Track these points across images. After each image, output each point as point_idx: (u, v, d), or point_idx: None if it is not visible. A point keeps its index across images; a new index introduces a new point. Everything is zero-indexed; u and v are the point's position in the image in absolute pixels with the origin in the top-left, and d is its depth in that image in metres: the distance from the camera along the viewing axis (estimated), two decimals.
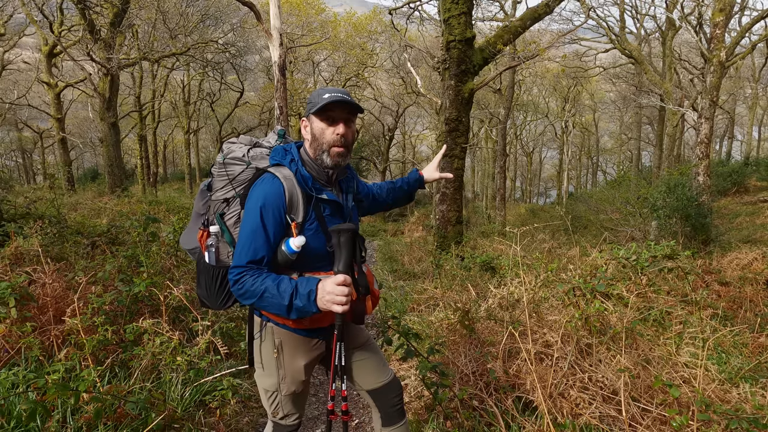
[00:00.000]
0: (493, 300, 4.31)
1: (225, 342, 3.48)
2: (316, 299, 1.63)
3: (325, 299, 1.62)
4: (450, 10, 8.37)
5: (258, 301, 1.66)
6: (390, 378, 2.07)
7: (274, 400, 1.95)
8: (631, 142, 29.82)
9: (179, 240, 2.16)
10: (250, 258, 1.69)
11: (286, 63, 9.54)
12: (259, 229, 1.70)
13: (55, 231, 5.28)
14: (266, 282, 1.66)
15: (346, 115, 1.80)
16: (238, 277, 1.67)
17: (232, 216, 1.86)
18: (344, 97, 1.75)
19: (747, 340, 3.98)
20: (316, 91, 1.82)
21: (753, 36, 16.28)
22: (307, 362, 1.93)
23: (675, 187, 8.66)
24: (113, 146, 14.39)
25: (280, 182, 1.74)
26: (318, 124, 1.79)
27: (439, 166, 2.38)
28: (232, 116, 30.46)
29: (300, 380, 1.93)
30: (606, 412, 2.60)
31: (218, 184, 1.88)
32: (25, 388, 2.54)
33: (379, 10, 23.99)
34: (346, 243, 1.74)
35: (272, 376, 1.92)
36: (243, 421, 3.22)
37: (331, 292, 1.61)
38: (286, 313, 1.65)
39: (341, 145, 1.79)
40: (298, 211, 1.76)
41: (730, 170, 21.15)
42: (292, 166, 1.79)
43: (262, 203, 1.72)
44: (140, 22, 16.14)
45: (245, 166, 1.84)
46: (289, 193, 1.74)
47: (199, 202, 2.00)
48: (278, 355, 1.89)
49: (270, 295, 1.64)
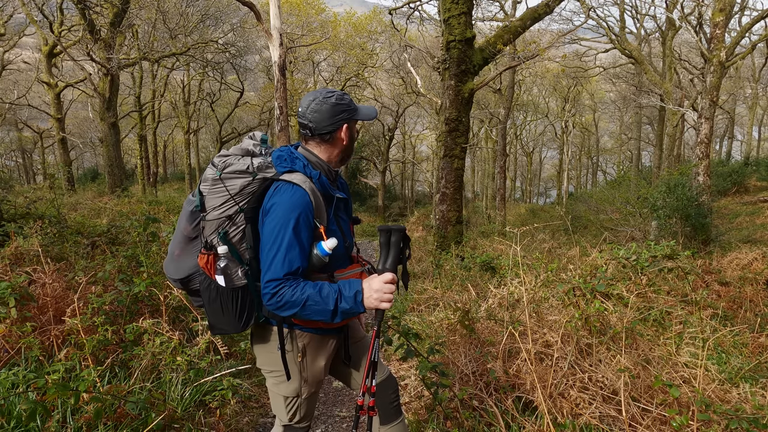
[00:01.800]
0: (493, 300, 4.31)
1: (225, 342, 3.48)
2: (363, 300, 1.68)
3: (373, 297, 1.69)
4: (450, 10, 8.37)
5: (300, 310, 1.65)
6: (386, 375, 2.08)
7: (293, 405, 1.94)
8: (631, 142, 29.81)
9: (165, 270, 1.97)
10: (286, 270, 1.66)
11: (286, 63, 9.55)
12: (293, 240, 1.67)
13: (55, 231, 5.28)
14: (306, 290, 1.65)
15: None
16: (276, 290, 1.64)
17: (237, 233, 1.77)
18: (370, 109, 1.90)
19: (747, 340, 3.98)
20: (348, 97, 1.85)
21: (753, 36, 16.30)
22: (326, 362, 1.95)
23: (675, 187, 8.66)
24: (113, 146, 14.40)
25: (303, 189, 1.71)
26: (348, 131, 1.88)
27: None
28: (232, 116, 30.45)
29: (319, 380, 1.96)
30: (606, 412, 2.60)
31: (215, 202, 1.75)
32: (25, 388, 2.54)
33: (379, 10, 24.00)
34: (396, 243, 1.80)
35: (294, 382, 1.90)
36: (243, 421, 3.22)
37: (380, 290, 1.69)
38: (331, 317, 1.67)
39: None
40: (323, 215, 1.77)
41: (730, 170, 21.16)
42: (306, 170, 1.77)
43: (294, 214, 1.68)
44: (140, 22, 16.15)
45: (251, 177, 1.75)
46: (314, 198, 1.73)
47: (188, 226, 1.86)
48: (302, 359, 1.89)
49: (313, 303, 1.65)
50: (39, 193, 8.16)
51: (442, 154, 8.72)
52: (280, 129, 9.59)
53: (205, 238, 1.80)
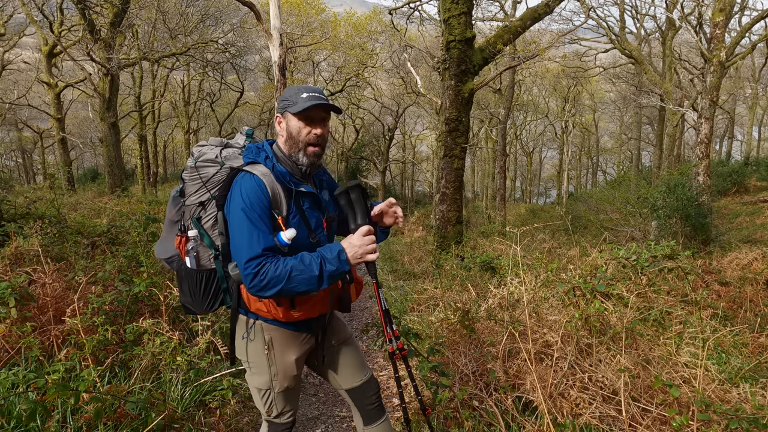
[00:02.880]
0: (493, 300, 4.30)
1: (225, 342, 3.48)
2: (347, 257, 1.73)
3: (358, 252, 1.75)
4: (450, 10, 8.37)
5: (286, 283, 1.66)
6: (368, 377, 2.10)
7: (267, 398, 1.96)
8: (631, 142, 29.81)
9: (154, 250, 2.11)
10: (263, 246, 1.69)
11: (286, 63, 9.55)
12: (257, 222, 1.71)
13: (55, 231, 5.27)
14: (289, 262, 1.68)
15: (323, 115, 1.84)
16: (259, 267, 1.65)
17: (209, 219, 1.85)
18: (324, 101, 1.79)
19: (747, 340, 3.98)
20: (293, 89, 1.84)
21: (753, 36, 16.30)
22: (297, 356, 1.95)
23: (675, 187, 8.66)
24: (113, 146, 14.39)
25: (260, 179, 1.76)
26: (295, 123, 1.82)
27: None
28: (232, 116, 30.46)
29: (292, 375, 1.95)
30: (606, 412, 2.60)
31: (191, 188, 1.87)
32: (25, 388, 2.54)
33: (379, 10, 23.99)
34: (358, 199, 1.87)
35: (264, 374, 1.93)
36: (243, 421, 3.22)
37: (362, 244, 1.75)
38: (317, 283, 1.69)
39: (317, 145, 1.83)
40: (281, 206, 1.79)
41: (730, 170, 21.15)
42: (267, 162, 1.81)
43: (247, 201, 1.72)
44: (140, 22, 16.14)
45: (219, 167, 1.85)
46: (271, 189, 1.77)
47: (171, 210, 1.98)
48: (269, 351, 1.91)
49: (298, 272, 1.66)
50: (39, 193, 8.16)
51: (442, 154, 8.72)
52: None
53: (183, 223, 1.92)
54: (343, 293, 1.95)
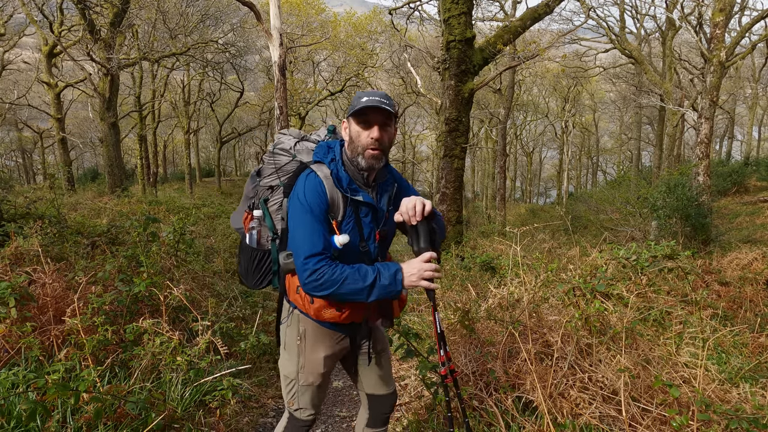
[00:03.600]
0: (493, 300, 4.30)
1: (225, 342, 3.48)
2: (402, 278, 1.74)
3: (414, 276, 1.74)
4: (450, 10, 8.37)
5: (338, 288, 1.70)
6: (391, 391, 2.14)
7: (291, 388, 1.99)
8: (631, 142, 29.81)
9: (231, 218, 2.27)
10: (321, 247, 1.73)
11: (286, 63, 9.55)
12: (314, 222, 1.76)
13: (55, 231, 5.27)
14: (346, 269, 1.72)
15: (383, 119, 1.81)
16: (318, 266, 1.70)
17: (275, 203, 1.96)
18: (380, 102, 1.77)
19: (747, 340, 3.98)
20: (357, 94, 1.85)
21: (753, 36, 16.29)
22: (327, 354, 1.96)
23: (675, 187, 8.66)
24: (113, 146, 14.39)
25: (322, 182, 1.80)
26: (355, 126, 1.82)
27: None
28: (232, 116, 30.45)
29: (318, 372, 1.96)
30: (606, 412, 2.60)
31: (266, 171, 1.99)
32: (25, 388, 2.54)
33: (379, 10, 24.00)
34: (424, 220, 1.80)
35: (292, 363, 1.97)
36: (243, 421, 3.22)
37: (421, 268, 1.74)
38: (367, 295, 1.72)
39: (376, 148, 1.81)
40: (338, 211, 1.82)
41: (730, 170, 21.15)
42: (332, 165, 1.83)
43: (309, 199, 1.77)
44: (140, 22, 16.14)
45: (291, 158, 1.94)
46: (330, 193, 1.80)
47: (249, 186, 2.08)
48: (300, 342, 1.95)
49: (352, 280, 1.70)
50: (39, 193, 8.15)
51: (442, 154, 8.72)
52: (279, 129, 9.59)
53: (254, 200, 2.04)
54: (386, 307, 1.96)
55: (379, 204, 1.92)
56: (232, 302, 4.95)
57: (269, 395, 3.65)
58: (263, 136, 36.92)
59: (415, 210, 1.77)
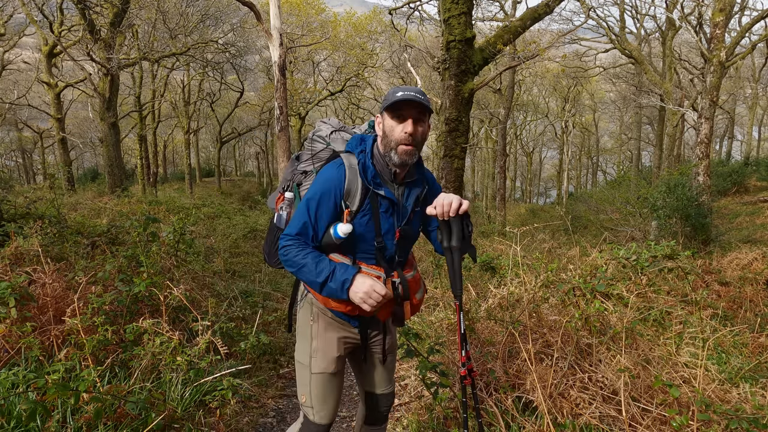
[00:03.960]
0: (493, 300, 4.31)
1: (225, 342, 3.48)
2: (349, 289, 1.74)
3: (359, 294, 1.72)
4: (450, 10, 8.37)
5: (296, 271, 1.79)
6: (390, 390, 2.14)
7: (304, 378, 1.95)
8: (631, 142, 29.81)
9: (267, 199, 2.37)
10: (298, 230, 1.82)
11: (286, 63, 9.55)
12: (312, 208, 1.81)
13: (55, 231, 5.27)
14: (308, 258, 1.77)
15: (417, 114, 1.79)
16: (286, 245, 1.81)
17: (306, 187, 2.00)
18: (415, 96, 1.75)
19: (747, 340, 3.98)
20: (391, 89, 1.84)
21: (753, 36, 16.30)
22: (340, 336, 1.95)
23: (675, 187, 8.66)
24: (113, 146, 14.39)
25: (345, 169, 1.83)
26: (389, 121, 1.81)
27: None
28: (232, 116, 30.45)
29: (332, 356, 1.93)
30: (606, 412, 2.60)
31: (304, 157, 2.05)
32: (25, 388, 2.54)
33: (379, 10, 23.99)
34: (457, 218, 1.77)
35: (305, 346, 1.97)
36: (243, 421, 3.22)
37: (367, 293, 1.72)
38: (319, 289, 1.78)
39: (409, 143, 1.79)
40: (354, 200, 1.82)
41: (730, 170, 21.16)
42: (360, 156, 1.85)
43: (323, 186, 1.82)
44: (140, 22, 16.14)
45: (325, 145, 2.00)
46: (349, 181, 1.81)
47: (288, 169, 2.14)
48: (313, 323, 1.95)
49: (308, 271, 1.77)
50: (39, 193, 8.15)
51: (442, 154, 8.72)
52: (279, 129, 9.59)
53: (289, 183, 2.09)
54: (398, 308, 1.93)
55: (405, 202, 1.91)
56: (232, 302, 4.95)
57: (269, 395, 3.65)
58: (263, 136, 36.93)
59: (451, 206, 1.73)
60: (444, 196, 1.77)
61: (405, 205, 1.91)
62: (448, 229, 1.80)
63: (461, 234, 1.79)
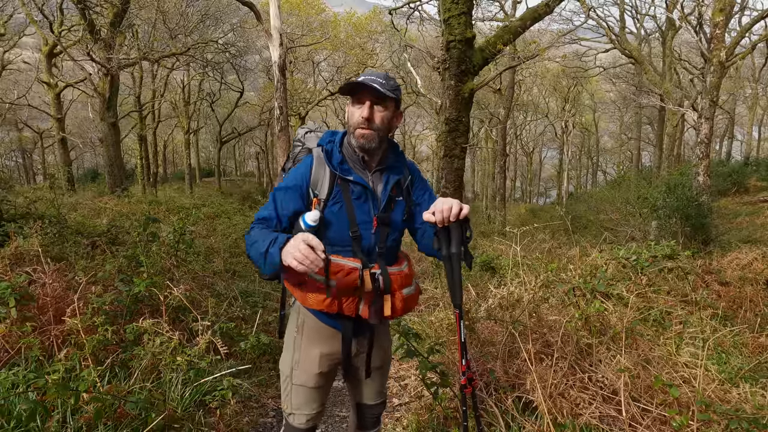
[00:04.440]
0: (493, 300, 4.30)
1: (225, 342, 3.47)
2: (282, 248, 1.62)
3: (289, 250, 1.59)
4: (450, 10, 8.36)
5: (249, 248, 1.75)
6: (380, 401, 2.11)
7: (286, 386, 1.95)
8: (631, 142, 29.83)
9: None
10: (262, 216, 1.83)
11: (286, 63, 9.55)
12: (279, 197, 1.84)
13: (55, 231, 5.27)
14: (259, 234, 1.75)
15: (375, 99, 1.75)
16: (252, 227, 1.82)
17: None
18: (373, 80, 1.72)
19: (747, 340, 3.98)
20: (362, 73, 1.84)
21: (753, 36, 16.26)
22: (323, 353, 1.89)
23: (675, 187, 8.67)
24: (113, 146, 14.39)
25: (312, 159, 1.86)
26: (350, 107, 1.83)
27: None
28: (232, 116, 30.44)
29: (313, 372, 1.89)
30: (606, 412, 2.60)
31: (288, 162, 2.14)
32: (25, 388, 2.54)
33: (379, 10, 23.99)
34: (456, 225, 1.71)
35: (288, 357, 1.96)
36: (243, 421, 3.22)
37: (295, 246, 1.57)
38: (263, 261, 1.66)
39: (366, 127, 1.75)
40: (322, 188, 1.81)
41: (730, 170, 21.15)
42: (328, 146, 1.86)
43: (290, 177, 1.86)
44: (140, 22, 16.15)
45: (301, 146, 2.09)
46: (316, 169, 1.83)
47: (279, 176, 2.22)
48: (298, 334, 1.93)
49: (255, 241, 1.72)
50: (39, 193, 8.13)
51: (442, 154, 8.72)
52: (279, 129, 9.59)
53: None
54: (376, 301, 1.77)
55: (382, 189, 1.84)
56: (232, 302, 4.95)
57: (269, 395, 3.65)
58: (263, 136, 36.91)
59: (450, 211, 1.65)
60: (443, 200, 1.69)
61: (380, 192, 1.84)
62: (447, 235, 1.72)
63: (459, 241, 1.71)
